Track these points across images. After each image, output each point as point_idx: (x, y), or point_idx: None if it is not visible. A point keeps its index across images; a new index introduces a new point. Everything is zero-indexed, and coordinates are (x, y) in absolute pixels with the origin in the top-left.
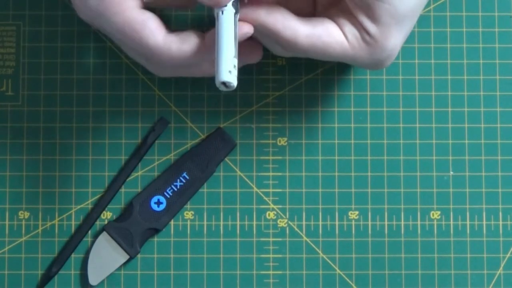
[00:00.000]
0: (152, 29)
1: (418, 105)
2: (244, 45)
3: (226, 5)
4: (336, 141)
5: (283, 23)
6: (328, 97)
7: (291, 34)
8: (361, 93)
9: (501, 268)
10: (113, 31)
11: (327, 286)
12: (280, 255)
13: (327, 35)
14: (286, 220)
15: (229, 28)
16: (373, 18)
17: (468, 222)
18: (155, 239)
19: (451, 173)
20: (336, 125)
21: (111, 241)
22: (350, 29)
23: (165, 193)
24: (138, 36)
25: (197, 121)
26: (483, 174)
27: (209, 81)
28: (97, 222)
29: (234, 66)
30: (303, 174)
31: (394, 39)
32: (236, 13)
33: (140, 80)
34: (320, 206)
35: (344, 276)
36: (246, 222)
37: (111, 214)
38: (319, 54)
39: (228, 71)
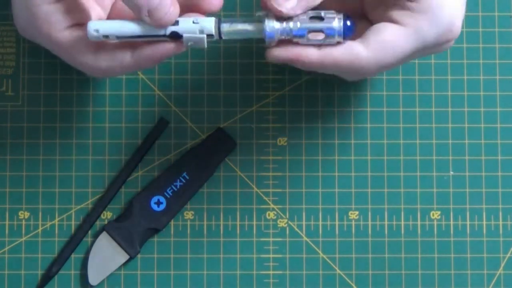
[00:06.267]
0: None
1: (418, 105)
2: None
3: None
4: (336, 141)
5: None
6: (328, 97)
7: (350, 56)
8: (361, 93)
9: (501, 268)
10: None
11: (327, 286)
12: (280, 255)
13: (391, 38)
14: (286, 220)
15: None
16: None
17: (468, 222)
18: (155, 239)
19: (451, 173)
20: (336, 125)
21: (111, 241)
22: (400, 13)
23: (165, 193)
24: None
25: (197, 121)
26: (483, 174)
27: (209, 81)
28: (97, 222)
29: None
30: (303, 174)
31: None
32: None
33: (140, 80)
34: (320, 206)
35: (344, 276)
36: (246, 222)
37: (111, 214)
38: (393, 58)
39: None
